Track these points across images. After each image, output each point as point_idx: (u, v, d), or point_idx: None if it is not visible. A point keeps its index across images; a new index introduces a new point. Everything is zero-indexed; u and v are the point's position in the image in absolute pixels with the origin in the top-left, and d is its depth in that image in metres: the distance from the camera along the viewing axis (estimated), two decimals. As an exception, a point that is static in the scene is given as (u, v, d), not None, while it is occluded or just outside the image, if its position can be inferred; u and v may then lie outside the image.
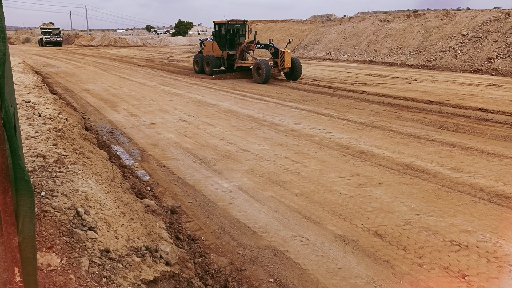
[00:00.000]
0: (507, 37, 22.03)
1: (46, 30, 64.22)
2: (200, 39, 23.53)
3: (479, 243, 4.22)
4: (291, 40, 19.63)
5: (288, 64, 17.44)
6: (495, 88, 15.39)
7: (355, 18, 36.12)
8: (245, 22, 20.27)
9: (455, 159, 6.96)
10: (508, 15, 23.52)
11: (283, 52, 17.22)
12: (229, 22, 19.63)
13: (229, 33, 19.75)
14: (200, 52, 22.26)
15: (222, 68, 20.34)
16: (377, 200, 5.32)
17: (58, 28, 66.99)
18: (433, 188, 5.71)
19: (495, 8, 30.70)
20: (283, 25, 43.20)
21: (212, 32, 21.12)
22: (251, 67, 18.69)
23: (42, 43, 63.71)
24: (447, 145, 7.81)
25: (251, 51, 19.28)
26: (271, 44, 18.00)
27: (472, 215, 4.86)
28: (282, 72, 18.35)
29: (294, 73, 17.98)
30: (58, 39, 63.91)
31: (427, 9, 34.85)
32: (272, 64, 17.65)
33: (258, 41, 19.20)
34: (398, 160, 6.93)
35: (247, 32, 20.14)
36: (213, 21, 20.56)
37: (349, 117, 10.42)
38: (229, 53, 19.84)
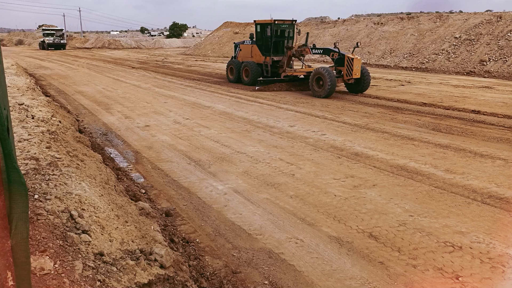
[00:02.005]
0: (499, 40, 22.27)
1: (49, 32, 59.10)
2: (234, 42, 19.77)
3: (473, 244, 4.25)
4: (359, 44, 16.44)
5: (357, 73, 14.04)
6: (488, 90, 15.54)
7: (349, 21, 36.32)
8: (293, 22, 16.94)
9: (449, 160, 7.01)
10: (500, 18, 23.79)
11: (352, 59, 13.80)
12: (276, 22, 16.28)
13: (275, 35, 16.54)
14: (234, 57, 18.85)
15: (262, 78, 16.93)
16: (372, 201, 5.34)
17: (62, 30, 62.75)
18: (427, 189, 5.74)
19: (487, 11, 31.04)
20: (278, 27, 43.23)
21: (250, 34, 18.08)
22: (301, 76, 16.02)
23: (43, 46, 57.77)
24: (440, 146, 7.86)
25: (302, 57, 16.21)
26: (335, 49, 14.50)
27: (466, 216, 4.90)
28: (343, 83, 14.94)
29: (360, 84, 14.54)
30: (62, 42, 58.77)
31: (420, 12, 35.16)
32: (335, 73, 14.12)
33: (313, 44, 16.59)
34: (392, 161, 6.97)
35: (295, 34, 16.94)
36: (254, 21, 17.48)
37: (343, 119, 10.46)
38: (273, 59, 16.65)
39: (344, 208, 5.14)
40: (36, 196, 3.43)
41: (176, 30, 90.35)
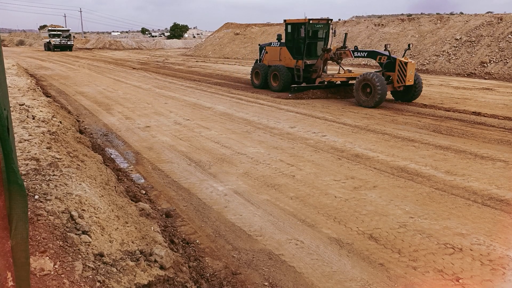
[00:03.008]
0: (500, 42, 22.27)
1: (55, 33, 56.73)
2: (259, 44, 17.95)
3: (473, 246, 4.25)
4: (410, 46, 14.71)
5: (410, 80, 12.31)
6: (488, 92, 15.53)
7: (350, 22, 36.34)
8: (329, 22, 15.13)
9: (449, 162, 7.00)
10: (501, 19, 23.79)
11: (406, 63, 12.08)
12: (311, 22, 14.49)
13: (309, 37, 14.72)
14: (259, 60, 17.12)
15: (292, 83, 15.19)
16: (372, 203, 5.34)
17: (68, 30, 59.80)
18: (427, 191, 5.74)
19: (487, 12, 31.04)
20: (278, 28, 43.28)
21: (278, 35, 16.75)
22: (338, 82, 14.47)
23: (49, 47, 55.78)
24: (441, 148, 7.86)
25: (340, 61, 14.40)
26: (384, 52, 12.70)
27: (466, 218, 4.89)
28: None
29: (411, 92, 12.78)
30: (69, 43, 56.49)
31: (421, 14, 35.19)
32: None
33: (356, 46, 14.09)
34: (392, 163, 6.97)
35: (330, 35, 14.98)
36: (285, 21, 15.67)
37: (344, 121, 10.46)
38: (306, 63, 14.82)
39: (344, 210, 5.14)
40: (36, 197, 3.43)
41: (177, 31, 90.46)
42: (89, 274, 2.63)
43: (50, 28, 59.69)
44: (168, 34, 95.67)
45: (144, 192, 5.81)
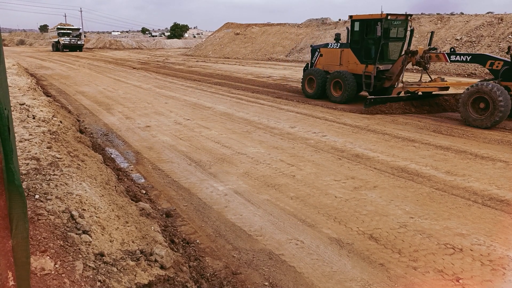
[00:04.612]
0: (500, 42, 22.27)
1: (64, 31, 53.42)
2: (311, 45, 15.31)
3: (473, 246, 4.25)
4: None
5: None
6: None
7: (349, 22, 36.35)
8: (408, 18, 12.35)
9: (449, 162, 7.00)
10: (501, 20, 23.79)
11: None
12: (389, 18, 11.75)
13: (384, 36, 11.94)
14: (311, 65, 14.57)
15: (358, 92, 12.87)
16: (372, 203, 5.34)
17: (79, 29, 56.40)
18: (428, 191, 5.74)
19: (488, 13, 31.04)
20: (279, 28, 43.35)
21: (336, 34, 14.40)
22: (419, 93, 11.91)
23: (57, 47, 52.47)
24: (441, 148, 7.86)
25: (428, 65, 11.59)
26: (499, 57, 10.60)
27: (466, 218, 4.89)
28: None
29: None
30: (79, 42, 53.31)
31: (421, 14, 35.11)
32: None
33: (452, 48, 11.26)
34: (392, 163, 6.96)
35: (407, 34, 12.44)
36: (350, 17, 12.99)
37: (344, 121, 10.46)
38: (379, 69, 12.26)
39: (344, 210, 5.14)
40: (37, 196, 3.43)
41: (177, 31, 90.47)
42: (89, 273, 2.63)
43: (59, 27, 55.94)
44: (168, 34, 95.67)
45: (144, 191, 5.81)
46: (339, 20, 44.16)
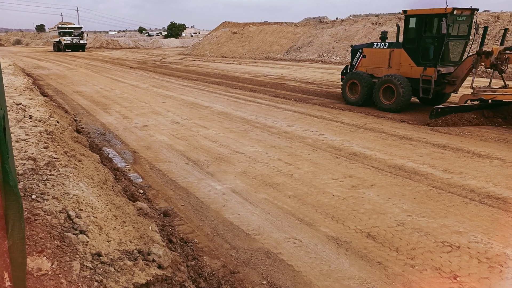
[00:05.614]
0: (497, 40, 22.33)
1: (66, 31, 51.34)
2: (352, 45, 13.65)
3: (471, 244, 4.26)
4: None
5: None
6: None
7: (347, 21, 36.38)
8: (475, 13, 10.99)
9: (446, 160, 7.02)
10: (498, 18, 23.86)
11: None
12: (454, 12, 10.29)
13: (448, 34, 10.40)
14: (351, 67, 13.15)
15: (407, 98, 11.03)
16: (370, 201, 5.35)
17: (81, 28, 53.80)
18: (425, 189, 5.75)
19: (485, 11, 31.10)
20: (276, 27, 43.33)
21: (382, 32, 12.98)
22: (489, 101, 9.94)
23: (59, 47, 50.40)
24: (438, 146, 7.88)
25: (506, 68, 10.11)
26: None
27: (464, 216, 4.90)
28: None
29: None
30: (82, 42, 51.19)
31: (418, 12, 35.15)
32: None
33: None
34: (390, 161, 6.98)
35: (472, 30, 10.97)
36: (404, 12, 11.42)
37: (341, 119, 10.47)
38: (440, 72, 10.67)
39: (342, 208, 5.15)
40: (33, 197, 3.41)
41: (174, 30, 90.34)
42: (86, 273, 2.62)
43: (60, 26, 54.14)
44: (166, 33, 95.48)
45: (141, 191, 5.80)
46: (336, 18, 44.21)
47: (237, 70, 25.37)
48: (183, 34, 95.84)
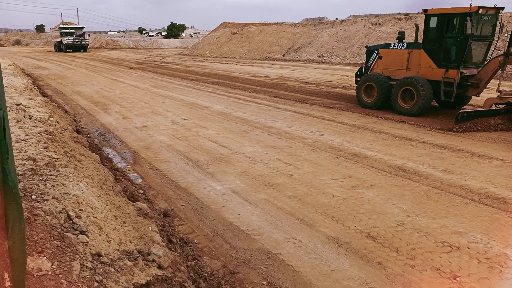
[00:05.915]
0: (497, 40, 22.31)
1: (67, 31, 50.47)
2: (367, 46, 13.04)
3: (470, 244, 4.26)
4: None
5: None
6: (485, 91, 15.56)
7: (347, 21, 36.39)
8: (499, 13, 10.57)
9: (446, 161, 7.02)
10: (497, 18, 23.84)
11: None
12: (480, 11, 9.87)
13: (472, 34, 9.95)
14: (366, 68, 12.60)
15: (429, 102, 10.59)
16: (370, 202, 5.35)
17: (82, 28, 52.89)
18: (425, 189, 5.75)
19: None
20: (276, 27, 43.33)
21: (400, 32, 12.37)
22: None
23: (60, 47, 49.94)
24: (438, 147, 7.88)
25: None
26: None
27: (463, 216, 4.91)
28: None
29: None
30: (83, 42, 50.71)
31: (418, 13, 35.23)
32: None
33: None
34: (390, 162, 6.98)
35: (496, 29, 10.76)
36: (424, 11, 10.83)
37: (341, 120, 10.47)
38: (463, 74, 10.27)
39: (342, 209, 5.15)
40: (33, 197, 3.41)
41: (174, 31, 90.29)
42: (86, 274, 2.62)
43: (61, 26, 52.87)
44: (165, 33, 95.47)
45: (141, 191, 5.80)
46: (336, 19, 44.22)
47: (237, 71, 25.36)
48: (183, 34, 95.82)
